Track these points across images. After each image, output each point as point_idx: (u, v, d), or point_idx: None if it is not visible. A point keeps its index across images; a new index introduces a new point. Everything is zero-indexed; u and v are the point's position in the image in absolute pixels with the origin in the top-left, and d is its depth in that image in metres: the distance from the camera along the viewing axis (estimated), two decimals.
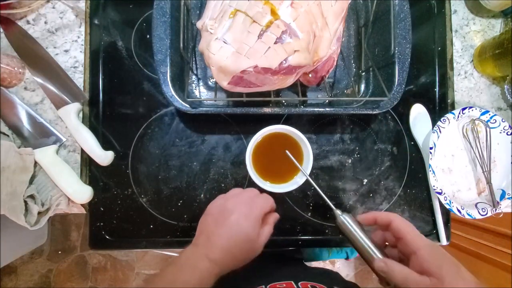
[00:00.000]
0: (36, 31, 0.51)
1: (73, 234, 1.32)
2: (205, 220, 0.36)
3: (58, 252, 1.31)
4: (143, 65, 0.52)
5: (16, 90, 0.51)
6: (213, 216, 0.36)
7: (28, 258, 1.30)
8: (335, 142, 0.53)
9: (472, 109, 0.51)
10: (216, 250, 0.33)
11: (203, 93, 0.52)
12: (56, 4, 0.52)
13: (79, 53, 0.52)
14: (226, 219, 0.34)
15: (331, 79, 0.53)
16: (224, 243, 0.33)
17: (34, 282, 1.30)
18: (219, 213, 0.36)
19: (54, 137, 0.50)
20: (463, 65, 0.56)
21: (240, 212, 0.35)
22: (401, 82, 0.46)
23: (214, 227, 0.34)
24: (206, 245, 0.33)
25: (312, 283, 0.38)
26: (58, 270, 1.31)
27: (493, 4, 0.52)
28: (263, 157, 0.47)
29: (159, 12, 0.44)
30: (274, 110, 0.46)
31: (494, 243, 0.85)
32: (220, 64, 0.36)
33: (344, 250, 0.74)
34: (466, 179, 0.53)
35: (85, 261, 1.32)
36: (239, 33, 0.36)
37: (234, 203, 0.36)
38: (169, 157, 0.51)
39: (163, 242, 0.51)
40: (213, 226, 0.35)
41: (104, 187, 0.51)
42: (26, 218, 0.46)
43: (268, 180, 0.47)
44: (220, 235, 0.33)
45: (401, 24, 0.45)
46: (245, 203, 0.36)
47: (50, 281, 1.30)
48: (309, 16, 0.38)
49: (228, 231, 0.34)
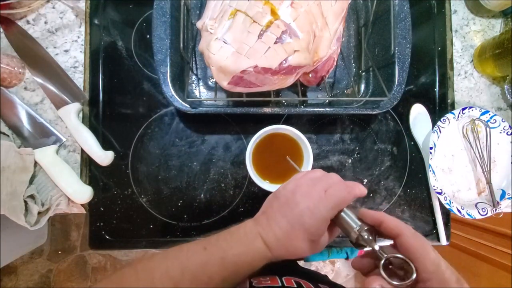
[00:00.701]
0: (36, 31, 0.51)
1: (73, 234, 1.32)
2: (272, 201, 0.34)
3: (58, 252, 1.31)
4: (143, 65, 0.52)
5: (16, 90, 0.51)
6: (279, 201, 0.33)
7: (28, 258, 1.30)
8: (335, 142, 0.53)
9: (472, 109, 0.51)
10: (272, 236, 0.31)
11: (203, 93, 0.52)
12: (56, 4, 0.52)
13: (79, 53, 0.52)
14: (290, 209, 0.31)
15: (331, 79, 0.53)
16: (280, 234, 0.31)
17: (34, 282, 1.30)
18: (286, 201, 0.32)
19: (54, 137, 0.50)
20: (463, 65, 0.56)
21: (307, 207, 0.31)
22: (401, 82, 0.46)
23: (277, 213, 0.32)
24: (264, 227, 0.32)
25: (296, 279, 0.38)
26: (58, 270, 1.31)
27: (493, 4, 0.52)
28: (263, 157, 0.47)
29: (159, 12, 0.44)
30: (274, 110, 0.46)
31: (494, 243, 0.85)
32: (220, 64, 0.36)
33: (344, 250, 0.74)
34: (466, 179, 0.53)
35: (85, 261, 1.32)
36: (239, 33, 0.36)
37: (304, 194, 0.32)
38: (169, 157, 0.51)
39: (163, 242, 0.51)
40: (276, 212, 0.32)
41: (104, 187, 0.51)
42: (26, 218, 0.46)
43: (268, 180, 0.47)
44: (279, 224, 0.31)
45: (401, 24, 0.45)
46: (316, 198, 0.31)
47: (50, 281, 1.30)
48: (309, 16, 0.38)
49: (287, 223, 0.31)
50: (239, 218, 0.51)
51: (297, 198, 0.32)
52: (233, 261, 0.30)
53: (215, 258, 0.30)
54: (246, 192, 0.52)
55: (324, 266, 1.36)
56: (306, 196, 0.32)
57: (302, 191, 0.32)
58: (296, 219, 0.31)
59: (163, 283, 0.28)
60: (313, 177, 0.34)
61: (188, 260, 0.30)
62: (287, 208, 0.32)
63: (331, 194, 0.31)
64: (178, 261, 0.30)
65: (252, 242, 0.31)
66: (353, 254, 0.75)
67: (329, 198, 0.31)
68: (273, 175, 0.47)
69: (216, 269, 0.29)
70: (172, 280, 0.28)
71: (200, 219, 0.51)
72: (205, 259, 0.30)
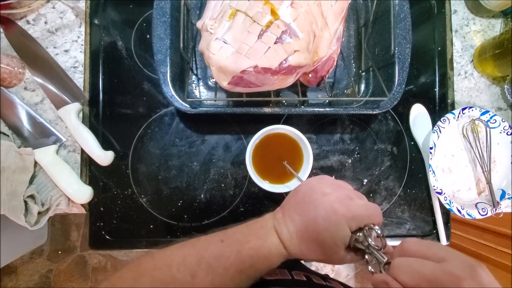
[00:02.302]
0: (36, 31, 0.51)
1: (73, 234, 1.32)
2: (291, 196, 0.32)
3: (58, 252, 1.31)
4: (143, 65, 0.52)
5: (16, 90, 0.51)
6: (297, 196, 0.31)
7: (28, 258, 1.30)
8: (335, 142, 0.53)
9: (472, 109, 0.51)
10: (286, 233, 0.30)
11: (203, 93, 0.52)
12: (56, 4, 0.52)
13: (79, 53, 0.52)
14: (307, 207, 0.30)
15: (331, 79, 0.53)
16: (293, 231, 0.29)
17: (34, 282, 1.30)
18: (303, 198, 0.31)
19: (54, 137, 0.50)
20: (463, 65, 0.56)
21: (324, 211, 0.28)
22: (401, 82, 0.46)
23: (292, 209, 0.31)
24: (279, 222, 0.30)
25: (306, 273, 0.38)
26: (58, 270, 1.31)
27: (493, 4, 0.52)
28: (263, 157, 0.47)
29: (159, 12, 0.44)
30: (274, 110, 0.46)
31: (494, 243, 0.85)
32: (220, 64, 0.36)
33: None
34: (466, 179, 0.53)
35: (85, 261, 1.32)
36: (239, 33, 0.36)
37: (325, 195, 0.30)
38: (169, 157, 0.51)
39: (163, 242, 0.51)
40: (292, 208, 0.31)
41: (104, 187, 0.51)
42: (26, 218, 0.46)
43: (268, 180, 0.47)
44: (294, 221, 0.30)
45: (401, 24, 0.45)
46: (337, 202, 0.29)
47: (50, 281, 1.30)
48: (309, 16, 0.38)
49: (302, 221, 0.29)
50: (239, 218, 0.51)
51: (316, 196, 0.30)
52: (249, 255, 0.29)
53: (231, 250, 0.29)
54: (246, 192, 0.52)
55: (324, 266, 1.36)
56: (326, 196, 0.29)
57: (323, 191, 0.30)
58: (311, 220, 0.29)
59: (179, 270, 0.28)
60: (339, 182, 0.32)
61: (205, 250, 0.29)
62: (304, 205, 0.30)
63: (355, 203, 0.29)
64: (195, 251, 0.30)
65: (267, 237, 0.30)
66: None
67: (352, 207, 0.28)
68: (273, 175, 0.47)
69: (232, 261, 0.29)
70: (188, 269, 0.28)
71: (200, 219, 0.51)
72: (221, 250, 0.29)
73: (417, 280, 0.22)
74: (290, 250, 0.30)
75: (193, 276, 0.28)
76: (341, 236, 0.28)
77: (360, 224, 0.28)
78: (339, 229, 0.28)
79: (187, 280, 0.28)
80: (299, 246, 0.29)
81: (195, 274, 0.28)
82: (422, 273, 0.22)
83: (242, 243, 0.29)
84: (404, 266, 0.23)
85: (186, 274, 0.28)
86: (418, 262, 0.23)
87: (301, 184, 0.33)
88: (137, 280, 0.29)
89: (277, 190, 0.46)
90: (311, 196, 0.30)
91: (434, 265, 0.22)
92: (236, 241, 0.30)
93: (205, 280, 0.28)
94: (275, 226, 0.31)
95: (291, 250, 0.30)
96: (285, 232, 0.30)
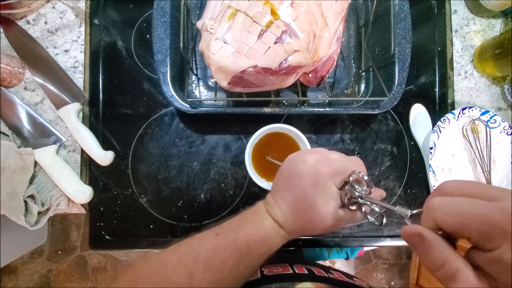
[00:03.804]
0: (36, 31, 0.51)
1: (73, 234, 1.32)
2: (277, 177, 0.33)
3: (58, 252, 1.31)
4: (143, 65, 0.52)
5: (16, 90, 0.51)
6: (282, 175, 0.32)
7: (28, 258, 1.30)
8: (335, 142, 0.53)
9: (472, 109, 0.51)
10: (279, 212, 0.30)
11: (203, 93, 0.52)
12: (56, 4, 0.52)
13: (79, 53, 0.52)
14: (293, 182, 0.30)
15: (331, 79, 0.53)
16: (286, 208, 0.30)
17: (34, 282, 1.30)
18: (288, 174, 0.31)
19: (54, 137, 0.50)
20: (463, 65, 0.56)
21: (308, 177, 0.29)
22: (401, 82, 0.46)
23: (281, 188, 0.31)
24: (271, 204, 0.31)
25: (307, 266, 0.38)
26: (58, 270, 1.31)
27: (493, 4, 0.52)
28: (263, 157, 0.47)
29: (159, 12, 0.44)
30: (274, 110, 0.46)
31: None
32: (220, 64, 0.36)
33: (344, 250, 0.75)
34: (466, 179, 0.53)
35: (85, 261, 1.32)
36: (239, 33, 0.36)
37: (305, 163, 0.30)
38: (169, 157, 0.51)
39: (163, 242, 0.51)
40: (280, 187, 0.31)
41: (104, 187, 0.51)
42: (26, 218, 0.46)
43: (268, 179, 0.47)
44: (284, 199, 0.30)
45: (401, 24, 0.45)
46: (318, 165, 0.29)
47: (50, 281, 1.30)
48: (309, 16, 0.38)
49: (292, 196, 0.30)
50: None
51: (298, 167, 0.30)
52: (245, 241, 0.29)
53: (226, 241, 0.29)
54: (246, 192, 0.52)
55: None
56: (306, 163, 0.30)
57: (303, 160, 0.31)
58: (299, 190, 0.29)
59: (176, 272, 0.28)
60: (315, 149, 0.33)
61: (201, 247, 0.29)
62: (290, 180, 0.30)
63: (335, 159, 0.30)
64: (190, 249, 0.29)
65: (261, 220, 0.30)
66: (353, 254, 0.75)
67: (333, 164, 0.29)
68: (273, 175, 0.47)
69: (228, 252, 0.28)
70: (185, 269, 0.28)
71: (200, 219, 0.51)
72: (217, 244, 0.29)
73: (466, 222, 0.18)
74: (287, 227, 0.30)
75: (190, 276, 0.27)
76: (330, 194, 0.28)
77: (345, 177, 0.29)
78: (326, 188, 0.28)
79: (185, 281, 0.27)
80: (295, 221, 0.29)
81: (192, 274, 0.27)
82: (473, 212, 0.18)
83: (237, 232, 0.29)
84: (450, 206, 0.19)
85: (183, 274, 0.28)
86: (467, 201, 0.19)
87: (283, 162, 0.33)
88: (133, 285, 0.28)
89: None
90: (293, 168, 0.31)
91: (488, 204, 0.18)
92: (230, 231, 0.30)
93: (203, 278, 0.27)
94: (267, 210, 0.31)
95: (288, 227, 0.30)
96: (278, 212, 0.30)
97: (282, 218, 0.30)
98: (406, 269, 1.37)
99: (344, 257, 0.74)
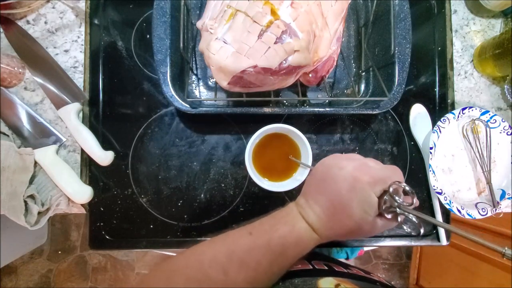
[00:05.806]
0: (36, 31, 0.51)
1: (73, 234, 1.32)
2: (309, 180, 0.32)
3: (58, 252, 1.31)
4: (143, 65, 0.52)
5: (16, 90, 0.51)
6: (316, 178, 0.31)
7: (28, 258, 1.30)
8: (335, 142, 0.53)
9: (472, 109, 0.51)
10: (313, 216, 0.29)
11: (203, 93, 0.52)
12: (56, 4, 0.52)
13: (79, 53, 0.52)
14: (328, 185, 0.29)
15: (331, 79, 0.53)
16: (321, 212, 0.29)
17: (34, 282, 1.30)
18: (322, 177, 0.31)
19: (54, 137, 0.50)
20: (463, 65, 0.56)
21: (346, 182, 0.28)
22: (401, 82, 0.46)
23: (314, 191, 0.31)
24: (304, 207, 0.30)
25: (326, 262, 0.37)
26: (58, 270, 1.31)
27: (493, 4, 0.52)
28: (262, 157, 0.47)
29: (159, 12, 0.44)
30: (274, 110, 0.46)
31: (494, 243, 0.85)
32: (220, 64, 0.36)
33: (344, 250, 0.74)
34: (466, 179, 0.53)
35: (85, 261, 1.32)
36: (239, 33, 0.36)
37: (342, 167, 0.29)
38: (169, 157, 0.51)
39: (163, 242, 0.51)
40: (313, 190, 0.31)
41: (104, 187, 0.51)
42: (26, 218, 0.46)
43: (268, 179, 0.47)
44: (318, 202, 0.30)
45: (401, 24, 0.45)
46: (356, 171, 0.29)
47: (50, 281, 1.30)
48: (309, 16, 0.38)
49: (327, 199, 0.29)
50: (240, 218, 0.51)
51: (334, 171, 0.30)
52: (280, 243, 0.29)
53: (261, 241, 0.29)
54: (246, 192, 0.52)
55: None
56: (344, 169, 0.29)
57: (340, 166, 0.30)
58: (335, 195, 0.29)
59: (212, 267, 0.28)
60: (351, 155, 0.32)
61: (235, 245, 0.29)
62: (324, 184, 0.30)
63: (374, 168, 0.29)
64: (225, 247, 0.30)
65: (295, 223, 0.30)
66: (353, 254, 0.75)
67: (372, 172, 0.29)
68: (273, 175, 0.47)
69: (263, 253, 0.28)
70: (220, 266, 0.28)
71: (200, 219, 0.51)
72: (251, 243, 0.29)
73: None
74: (321, 231, 0.29)
75: (225, 274, 0.28)
76: (369, 203, 0.28)
77: (384, 187, 0.28)
78: (365, 196, 0.28)
79: (220, 278, 0.27)
80: (329, 224, 0.29)
81: (227, 271, 0.28)
82: None
83: (271, 233, 0.29)
84: None
85: (218, 270, 0.28)
86: None
87: (316, 166, 0.33)
88: (170, 279, 0.28)
89: (277, 189, 0.46)
90: (328, 173, 0.30)
91: None
92: (264, 232, 0.30)
93: (238, 277, 0.28)
94: (300, 212, 0.30)
95: (322, 231, 0.29)
96: (312, 215, 0.30)
97: (316, 221, 0.29)
98: (406, 269, 1.37)
99: (344, 257, 0.74)
